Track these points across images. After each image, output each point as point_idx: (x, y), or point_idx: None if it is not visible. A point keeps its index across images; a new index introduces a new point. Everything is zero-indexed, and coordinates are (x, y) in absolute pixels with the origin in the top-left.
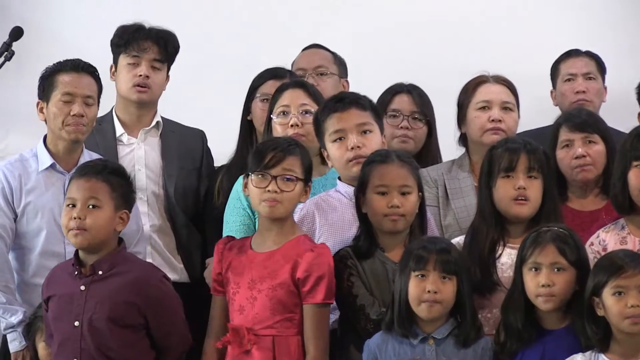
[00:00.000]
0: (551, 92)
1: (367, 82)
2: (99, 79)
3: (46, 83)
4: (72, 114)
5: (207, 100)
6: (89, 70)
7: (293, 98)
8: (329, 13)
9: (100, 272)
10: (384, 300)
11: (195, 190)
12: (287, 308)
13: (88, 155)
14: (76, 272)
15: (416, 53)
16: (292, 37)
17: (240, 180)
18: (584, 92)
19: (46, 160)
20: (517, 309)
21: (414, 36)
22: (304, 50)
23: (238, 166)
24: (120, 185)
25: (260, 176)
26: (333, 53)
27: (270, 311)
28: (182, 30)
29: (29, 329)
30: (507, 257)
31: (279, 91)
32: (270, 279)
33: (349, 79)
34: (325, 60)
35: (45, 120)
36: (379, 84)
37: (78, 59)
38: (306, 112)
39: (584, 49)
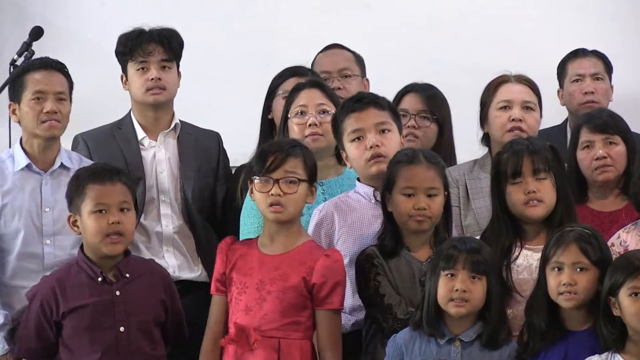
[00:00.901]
0: (558, 91)
1: (385, 82)
2: (69, 75)
3: (16, 84)
4: (44, 111)
5: (224, 100)
6: (58, 67)
7: (310, 98)
8: (346, 11)
9: (127, 275)
10: (410, 299)
11: (212, 192)
12: (296, 312)
13: (66, 154)
14: (100, 279)
15: (437, 52)
16: (311, 36)
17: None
18: (592, 93)
19: (22, 160)
20: (541, 309)
21: (433, 35)
22: (324, 51)
23: (250, 170)
24: (131, 184)
25: (262, 180)
26: (353, 52)
27: (279, 313)
28: (200, 30)
29: (13, 333)
30: (523, 259)
31: (295, 91)
32: (282, 282)
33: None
34: (349, 62)
35: (19, 122)
36: (397, 84)
37: (46, 57)
38: (323, 111)
39: (590, 48)
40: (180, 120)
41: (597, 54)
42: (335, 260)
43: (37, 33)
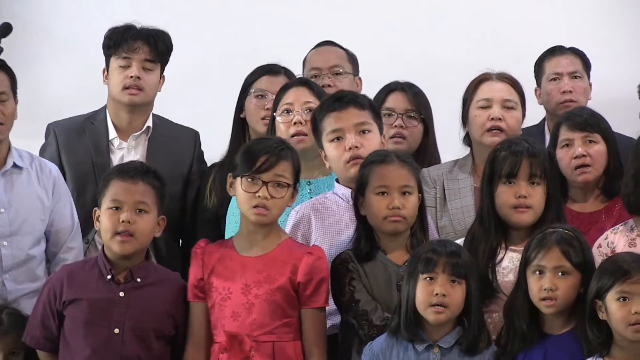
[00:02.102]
0: (535, 90)
1: (374, 81)
2: (10, 71)
3: None
4: None
5: (201, 99)
6: None
7: (297, 96)
8: (329, 9)
9: (139, 280)
10: (386, 304)
11: (180, 199)
12: (285, 313)
13: (17, 153)
14: (109, 277)
15: (421, 50)
16: (292, 34)
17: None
18: (570, 91)
19: None
20: (521, 311)
21: (418, 33)
22: (316, 47)
23: (231, 165)
24: (161, 189)
25: (250, 180)
26: (346, 50)
27: (269, 317)
28: (176, 28)
29: None
30: (508, 261)
31: (283, 90)
32: (268, 284)
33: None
34: (341, 59)
35: None
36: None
37: None
38: (310, 110)
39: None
40: (158, 117)
41: (574, 52)
42: (319, 257)
43: (5, 29)
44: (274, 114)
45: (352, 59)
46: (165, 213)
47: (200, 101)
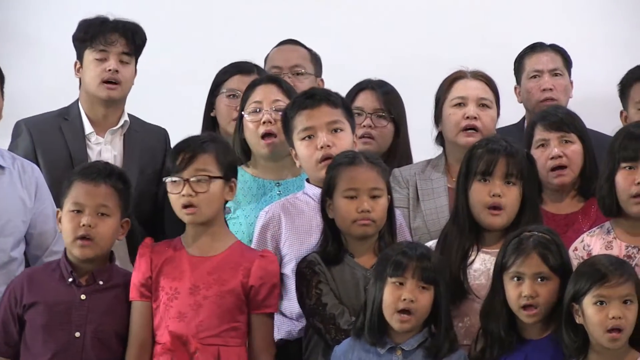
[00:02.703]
0: (515, 88)
1: (344, 81)
2: None
3: None
4: None
5: (172, 97)
6: None
7: (266, 94)
8: (300, 6)
9: (100, 282)
10: (353, 308)
11: (153, 195)
12: (233, 317)
13: None
14: (71, 280)
15: (396, 48)
16: (264, 32)
17: None
18: (550, 89)
19: None
20: (498, 317)
21: (392, 31)
22: (278, 45)
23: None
24: (125, 191)
25: (173, 181)
26: (309, 49)
27: (217, 319)
28: (146, 24)
29: None
30: (480, 263)
31: (251, 87)
32: (218, 286)
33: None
34: (302, 59)
35: None
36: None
37: None
38: (279, 108)
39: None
40: (129, 115)
41: (555, 49)
42: (271, 261)
43: None
44: (242, 112)
45: (315, 59)
46: (141, 211)
47: (170, 99)
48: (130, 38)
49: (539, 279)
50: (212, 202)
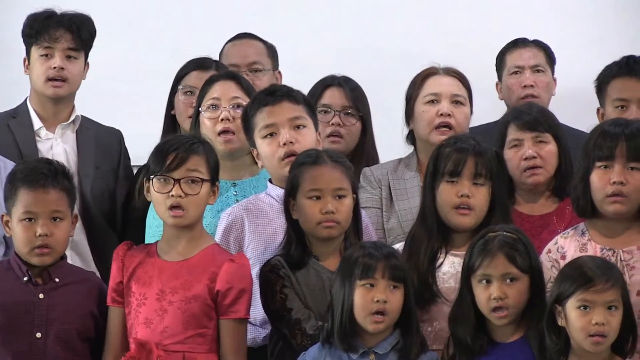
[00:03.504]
0: (496, 84)
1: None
2: None
3: None
4: None
5: (128, 95)
6: None
7: (224, 90)
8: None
9: (57, 280)
10: (319, 312)
11: (112, 192)
12: (200, 323)
13: None
14: (26, 279)
15: (360, 42)
16: (222, 25)
17: None
18: (532, 86)
19: None
20: (467, 321)
21: (355, 25)
22: (233, 40)
23: (145, 169)
24: (70, 187)
25: (162, 180)
26: (265, 42)
27: (182, 325)
28: (100, 20)
29: None
30: (449, 266)
31: (209, 83)
32: (184, 291)
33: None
34: (260, 55)
35: None
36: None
37: None
38: (238, 106)
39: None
40: (80, 115)
41: (538, 44)
42: (241, 265)
43: None
44: (199, 108)
45: (272, 53)
46: (100, 210)
47: (131, 98)
48: (76, 32)
49: (508, 280)
50: (200, 205)
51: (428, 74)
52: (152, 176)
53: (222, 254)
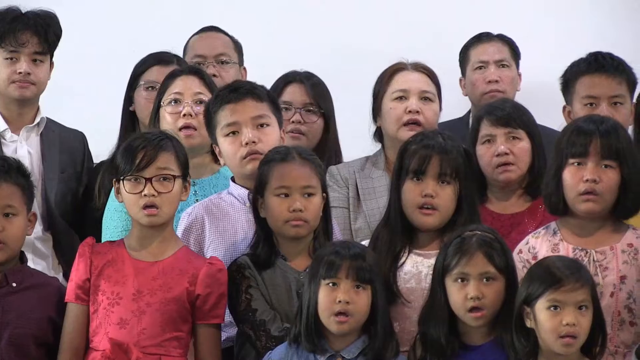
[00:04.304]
0: (460, 80)
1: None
2: None
3: None
4: None
5: (87, 91)
6: None
7: (186, 85)
8: None
9: (14, 284)
10: (286, 313)
11: (75, 195)
12: (177, 326)
13: None
14: None
15: (327, 36)
16: (187, 20)
17: None
18: (496, 81)
19: None
20: (439, 322)
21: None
22: (199, 33)
23: (113, 169)
24: (26, 184)
25: (133, 180)
26: (231, 37)
27: (160, 327)
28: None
29: None
30: (411, 266)
31: (171, 77)
32: (163, 292)
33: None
34: (227, 47)
35: None
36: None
37: None
38: (200, 101)
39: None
40: (45, 118)
41: (502, 39)
42: (219, 269)
43: None
44: (160, 103)
45: (238, 48)
46: (65, 213)
47: (88, 94)
48: (43, 36)
49: (485, 279)
50: (174, 203)
51: (396, 69)
52: (121, 177)
53: (198, 257)
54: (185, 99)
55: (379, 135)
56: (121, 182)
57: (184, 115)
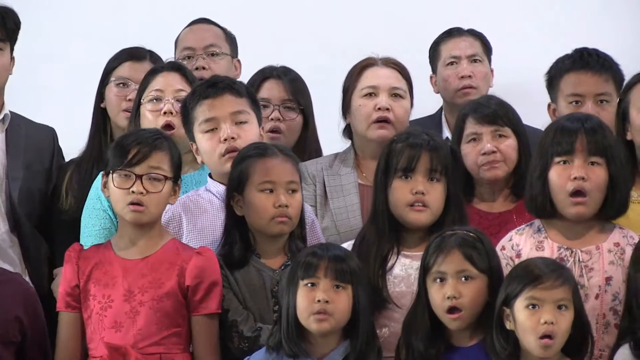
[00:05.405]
0: (431, 77)
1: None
2: None
3: None
4: None
5: (58, 89)
6: None
7: (167, 82)
8: None
9: None
10: (260, 313)
11: (43, 194)
12: (174, 321)
13: None
14: None
15: (305, 31)
16: (164, 14)
17: (99, 177)
18: (469, 76)
19: None
20: (421, 327)
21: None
22: (190, 25)
23: (90, 161)
24: None
25: (123, 175)
26: (223, 29)
27: (156, 326)
28: (25, 8)
29: None
30: (400, 269)
31: (152, 74)
32: (154, 289)
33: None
34: (217, 39)
35: None
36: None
37: None
38: (181, 99)
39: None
40: (10, 112)
41: (473, 34)
42: (209, 258)
43: None
44: (141, 100)
45: (230, 39)
46: (30, 213)
47: (58, 91)
48: (1, 23)
49: (463, 278)
50: (161, 204)
51: (365, 65)
52: (111, 170)
53: (186, 249)
54: (166, 96)
55: (348, 132)
56: (110, 175)
57: (165, 112)
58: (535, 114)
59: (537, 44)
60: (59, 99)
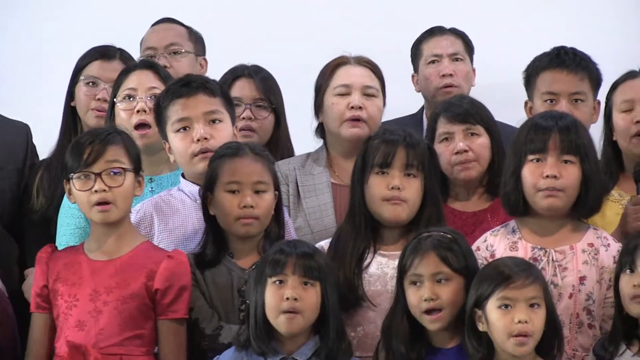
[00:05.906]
0: (412, 76)
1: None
2: None
3: None
4: None
5: (32, 88)
6: None
7: (141, 80)
8: None
9: None
10: (225, 312)
11: (15, 194)
12: (137, 323)
13: None
14: None
15: (270, 31)
16: (139, 11)
17: None
18: (450, 75)
19: None
20: (400, 329)
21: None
22: (153, 26)
23: (60, 161)
24: None
25: (82, 177)
26: (188, 28)
27: (118, 326)
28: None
29: None
30: (376, 267)
31: (125, 72)
32: (119, 290)
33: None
34: (179, 37)
35: None
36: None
37: None
38: (155, 96)
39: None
40: None
41: (455, 32)
42: (180, 262)
43: None
44: (115, 99)
45: (195, 37)
46: (1, 211)
47: (29, 89)
48: None
49: (439, 280)
50: (127, 197)
51: (338, 63)
52: (70, 175)
53: (158, 251)
54: (139, 94)
55: (320, 131)
56: (71, 181)
57: (138, 111)
58: (520, 113)
59: (521, 43)
60: (34, 96)
